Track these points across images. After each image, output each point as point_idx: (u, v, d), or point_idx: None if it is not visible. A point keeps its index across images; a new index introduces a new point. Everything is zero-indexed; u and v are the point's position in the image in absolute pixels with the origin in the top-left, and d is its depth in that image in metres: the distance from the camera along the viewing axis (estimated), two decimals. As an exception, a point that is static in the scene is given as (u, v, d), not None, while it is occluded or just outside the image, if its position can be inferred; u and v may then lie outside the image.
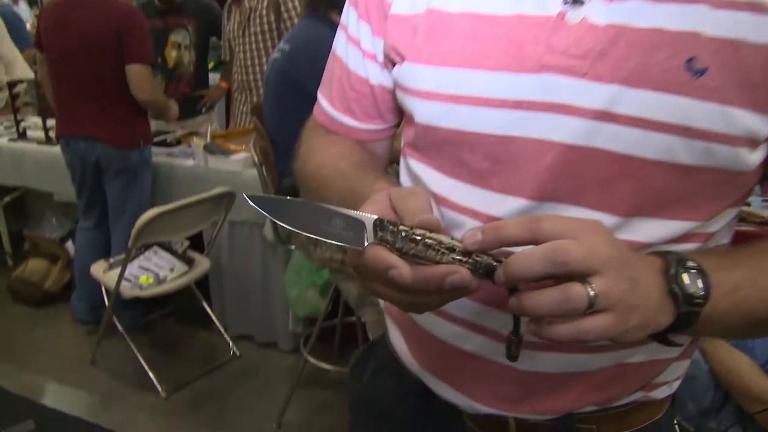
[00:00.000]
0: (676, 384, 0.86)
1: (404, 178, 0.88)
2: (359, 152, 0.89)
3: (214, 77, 4.38)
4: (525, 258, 0.56)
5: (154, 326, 3.46)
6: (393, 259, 0.58)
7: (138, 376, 2.97)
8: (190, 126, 3.91)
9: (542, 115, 0.68)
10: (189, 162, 3.29)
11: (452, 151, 0.75)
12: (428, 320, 0.83)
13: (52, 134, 3.54)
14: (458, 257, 0.59)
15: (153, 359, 3.07)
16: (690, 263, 0.62)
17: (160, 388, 2.89)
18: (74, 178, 3.24)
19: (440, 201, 0.79)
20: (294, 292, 2.76)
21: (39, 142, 3.71)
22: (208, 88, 4.15)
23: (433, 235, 0.59)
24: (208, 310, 3.23)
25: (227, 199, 2.90)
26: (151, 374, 2.93)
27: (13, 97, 3.90)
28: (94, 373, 3.12)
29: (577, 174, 0.68)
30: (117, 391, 2.99)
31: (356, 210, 0.63)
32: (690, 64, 0.62)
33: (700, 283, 0.61)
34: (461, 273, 0.58)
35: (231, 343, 3.20)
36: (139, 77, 3.00)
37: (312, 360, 2.75)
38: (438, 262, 0.59)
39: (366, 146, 0.92)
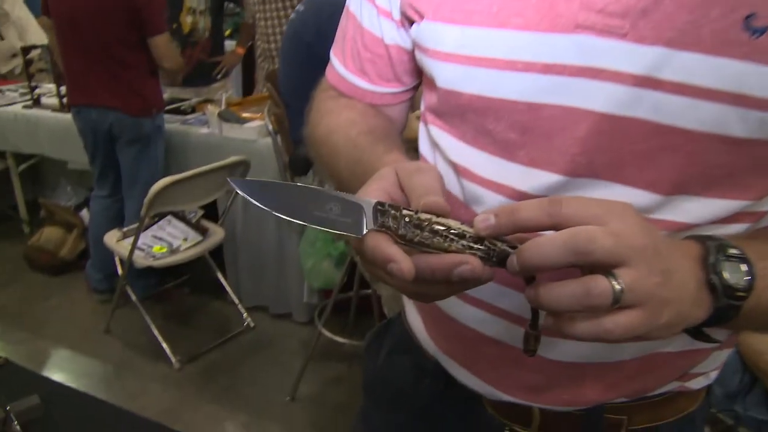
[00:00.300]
0: (714, 374, 0.80)
1: (424, 146, 0.82)
2: (372, 117, 0.82)
3: (230, 44, 4.30)
4: (542, 245, 0.50)
5: (168, 296, 3.43)
6: (392, 251, 0.52)
7: (151, 345, 2.95)
8: (205, 93, 3.84)
9: (576, 80, 0.61)
10: (203, 130, 3.24)
11: (476, 118, 0.69)
12: (446, 301, 0.77)
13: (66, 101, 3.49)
14: (469, 244, 0.53)
15: (166, 329, 3.05)
16: (732, 250, 0.55)
17: (173, 359, 2.87)
18: (87, 147, 3.20)
19: (461, 172, 0.72)
20: (309, 263, 2.71)
21: (53, 109, 3.67)
22: (224, 55, 4.08)
23: (440, 219, 0.53)
24: (222, 280, 3.19)
25: (242, 168, 2.85)
26: (164, 344, 2.91)
27: (27, 63, 3.85)
28: (108, 342, 3.11)
29: (614, 147, 0.61)
30: (130, 360, 2.97)
31: (362, 185, 0.58)
32: (748, 22, 0.54)
33: (743, 274, 0.54)
34: (471, 263, 0.52)
35: (245, 314, 3.17)
36: (166, 47, 2.97)
37: (326, 333, 2.71)
38: (446, 250, 0.53)
39: (381, 111, 0.86)
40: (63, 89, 3.50)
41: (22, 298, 3.51)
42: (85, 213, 3.73)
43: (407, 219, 0.53)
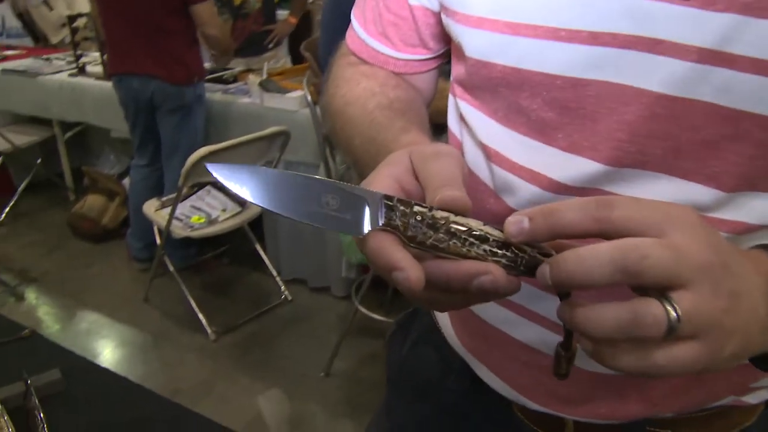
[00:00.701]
0: None
1: (452, 122, 0.73)
2: (394, 88, 0.72)
3: (282, 13, 4.23)
4: (584, 259, 0.40)
5: (207, 267, 3.42)
6: (398, 256, 0.43)
7: (188, 316, 2.94)
8: (256, 63, 3.79)
9: (628, 53, 0.52)
10: (245, 99, 3.19)
11: (509, 94, 0.60)
12: None
13: (110, 69, 3.48)
14: (492, 249, 0.44)
15: (204, 300, 3.03)
16: None
17: (209, 330, 2.86)
18: (127, 116, 3.19)
19: (491, 156, 0.64)
20: (348, 237, 2.66)
21: (98, 77, 3.67)
22: (276, 24, 4.01)
23: (459, 218, 0.45)
24: (261, 252, 3.15)
25: (282, 139, 2.80)
26: (200, 315, 2.89)
27: (73, 31, 3.86)
28: (147, 311, 3.11)
29: (671, 134, 0.52)
30: (167, 330, 2.97)
31: (371, 170, 0.49)
32: None
33: None
34: (493, 273, 0.43)
35: (283, 287, 3.14)
36: (209, 14, 2.92)
37: (363, 310, 2.65)
38: (464, 256, 0.44)
39: (406, 80, 0.76)
40: (107, 57, 3.49)
41: (65, 265, 3.54)
42: (127, 181, 3.73)
43: (419, 217, 0.44)
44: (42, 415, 1.09)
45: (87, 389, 1.20)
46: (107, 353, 2.87)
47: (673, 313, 0.39)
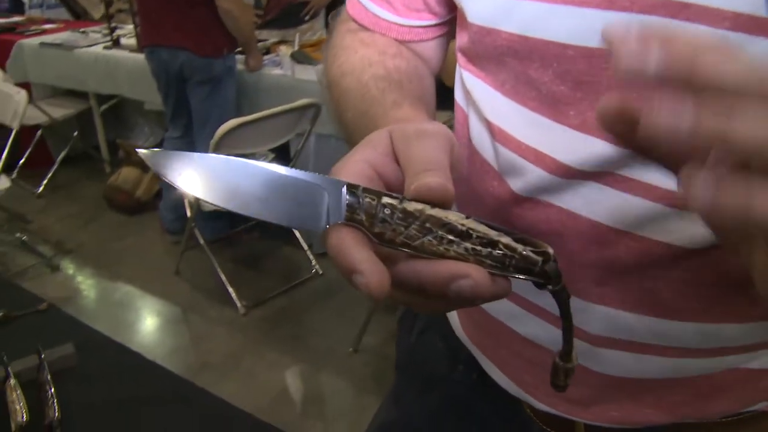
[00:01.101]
0: None
1: (458, 94, 0.66)
2: (394, 57, 0.66)
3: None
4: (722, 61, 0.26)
5: (238, 240, 3.41)
6: (357, 258, 0.36)
7: (218, 289, 2.94)
8: (292, 35, 3.74)
9: (650, 19, 0.45)
10: (276, 71, 3.15)
11: (517, 64, 0.53)
12: None
13: (143, 41, 3.47)
14: (475, 247, 0.37)
15: (234, 273, 3.03)
16: None
17: (239, 304, 2.85)
18: (160, 88, 3.18)
19: (496, 134, 0.57)
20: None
21: (131, 49, 3.66)
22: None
23: (436, 211, 0.38)
24: (292, 225, 3.12)
25: (313, 111, 2.75)
26: (230, 289, 2.88)
27: (107, 3, 3.85)
28: (178, 283, 3.12)
29: None
30: (197, 303, 2.97)
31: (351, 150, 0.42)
32: None
33: None
34: (473, 277, 0.36)
35: (314, 261, 3.11)
36: None
37: (392, 284, 2.61)
38: (442, 256, 0.37)
39: (410, 48, 0.70)
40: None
41: (100, 237, 3.56)
42: (161, 154, 3.74)
43: (387, 210, 0.37)
44: (53, 389, 1.08)
45: (100, 364, 1.18)
46: (138, 325, 2.89)
47: None
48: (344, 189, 0.38)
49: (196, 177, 0.39)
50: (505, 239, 0.37)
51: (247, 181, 0.39)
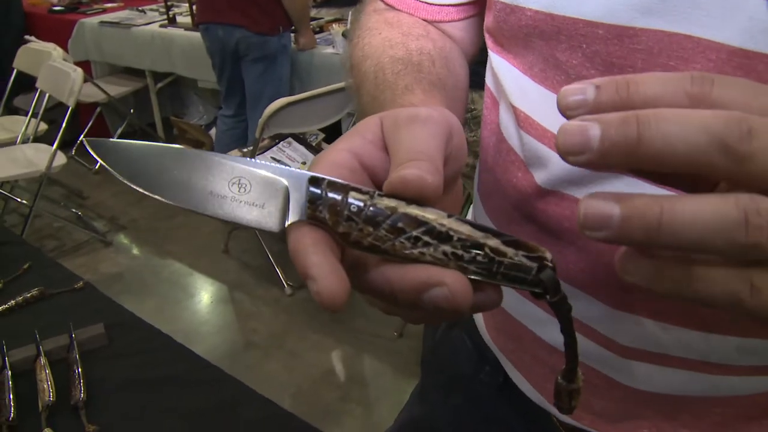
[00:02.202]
0: None
1: (488, 77, 0.61)
2: (418, 38, 0.60)
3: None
4: (666, 119, 0.26)
5: (288, 219, 3.40)
6: (311, 261, 0.31)
7: (265, 269, 2.94)
8: (350, 13, 3.70)
9: None
10: (328, 50, 3.11)
11: (543, 45, 0.49)
12: None
13: (197, 19, 3.48)
14: (455, 251, 0.32)
15: (282, 254, 3.02)
16: None
17: (285, 284, 2.84)
18: (214, 65, 3.19)
19: (521, 121, 0.52)
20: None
21: (186, 28, 3.68)
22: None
23: (412, 209, 0.32)
24: (341, 207, 3.10)
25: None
26: (277, 269, 2.88)
27: (164, -20, 3.88)
28: (225, 261, 3.13)
29: None
30: (245, 282, 2.98)
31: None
32: None
33: None
34: (449, 284, 0.31)
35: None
36: None
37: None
38: (417, 260, 0.32)
39: (439, 29, 0.64)
40: (196, 8, 3.48)
41: (151, 214, 3.61)
42: (214, 131, 3.76)
43: (354, 207, 0.33)
44: (80, 369, 1.07)
45: (129, 345, 1.17)
46: (186, 302, 2.91)
47: None
48: (306, 182, 0.33)
49: (147, 170, 0.35)
50: (492, 242, 0.32)
51: (203, 172, 0.35)
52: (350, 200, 0.33)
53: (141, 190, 0.35)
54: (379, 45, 0.60)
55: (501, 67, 0.55)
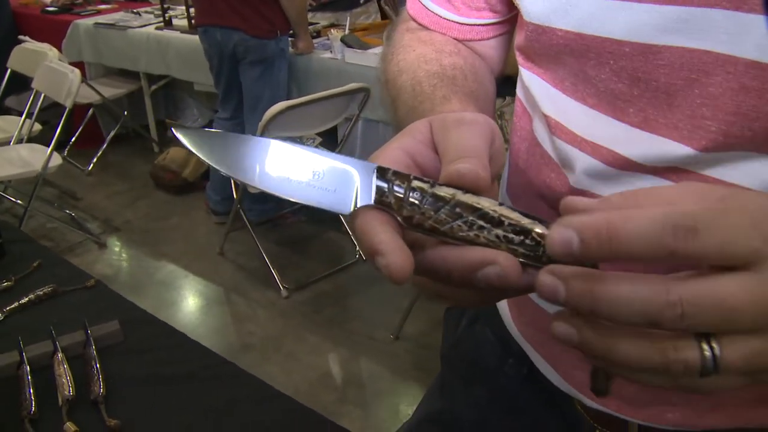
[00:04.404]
0: None
1: (519, 90, 0.65)
2: (450, 55, 0.64)
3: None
4: (627, 222, 0.31)
5: (284, 222, 3.42)
6: (380, 239, 0.36)
7: (262, 271, 2.95)
8: (347, 18, 3.72)
9: (712, 12, 0.42)
10: (326, 55, 3.14)
11: (573, 62, 0.52)
12: None
13: (194, 22, 3.49)
14: (507, 235, 0.36)
15: (278, 256, 3.04)
16: None
17: (281, 287, 2.86)
18: (212, 68, 3.19)
19: (553, 128, 0.56)
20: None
21: (183, 30, 3.69)
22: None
23: (467, 197, 0.37)
24: (338, 210, 3.12)
25: (362, 96, 2.73)
26: (274, 271, 2.89)
27: (160, -17, 3.88)
28: (221, 264, 3.14)
29: (764, 111, 0.42)
30: (240, 284, 2.99)
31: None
32: None
33: None
34: (502, 264, 0.35)
35: (358, 246, 3.10)
36: None
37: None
38: (472, 242, 0.36)
39: (470, 47, 0.68)
40: (193, 10, 3.49)
41: (146, 216, 3.61)
42: (209, 135, 3.77)
43: (417, 194, 0.37)
44: (98, 365, 1.08)
45: (144, 341, 1.18)
46: (181, 304, 2.91)
47: (710, 362, 0.31)
48: (374, 172, 0.38)
49: (230, 155, 0.39)
50: (539, 228, 0.36)
51: (280, 161, 0.39)
52: (413, 188, 0.37)
53: (225, 172, 0.39)
54: (414, 61, 0.64)
55: (532, 80, 0.59)
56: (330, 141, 3.10)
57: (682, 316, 0.30)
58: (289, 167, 0.39)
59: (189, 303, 2.92)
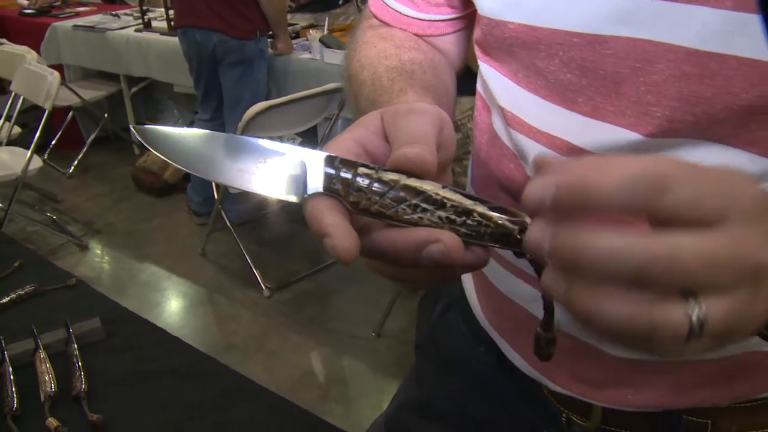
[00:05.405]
0: None
1: (479, 83, 0.68)
2: (409, 50, 0.66)
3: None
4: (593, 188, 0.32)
5: (264, 223, 3.43)
6: (329, 221, 0.38)
7: (243, 271, 2.97)
8: (326, 19, 3.74)
9: (657, 4, 0.45)
10: (305, 55, 3.15)
11: (525, 54, 0.54)
12: (494, 271, 0.67)
13: (173, 23, 3.49)
14: (450, 216, 0.38)
15: (260, 255, 3.05)
16: None
17: (263, 286, 2.87)
18: (191, 69, 3.20)
19: (509, 120, 0.58)
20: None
21: (162, 32, 3.69)
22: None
23: (411, 181, 0.39)
24: (318, 210, 3.13)
25: (341, 95, 2.75)
26: (255, 271, 2.91)
27: (139, -15, 3.88)
28: (203, 264, 3.15)
29: (703, 96, 0.45)
30: (223, 284, 3.00)
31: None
32: None
33: None
34: (444, 241, 0.38)
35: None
36: None
37: (417, 270, 2.61)
38: (416, 224, 0.39)
39: (430, 42, 0.71)
40: (172, 12, 3.50)
41: (128, 218, 3.61)
42: (189, 136, 3.77)
43: (363, 180, 0.39)
44: (80, 362, 1.10)
45: (126, 338, 1.20)
46: (164, 305, 2.92)
47: (697, 327, 0.31)
48: (322, 160, 0.40)
49: (185, 150, 0.41)
50: (480, 208, 0.38)
51: (235, 153, 0.41)
52: (359, 174, 0.39)
53: (182, 168, 0.41)
54: (375, 56, 0.66)
55: (489, 73, 0.61)
56: (310, 140, 3.12)
57: (668, 269, 0.30)
58: (241, 159, 0.41)
59: (172, 304, 2.93)
